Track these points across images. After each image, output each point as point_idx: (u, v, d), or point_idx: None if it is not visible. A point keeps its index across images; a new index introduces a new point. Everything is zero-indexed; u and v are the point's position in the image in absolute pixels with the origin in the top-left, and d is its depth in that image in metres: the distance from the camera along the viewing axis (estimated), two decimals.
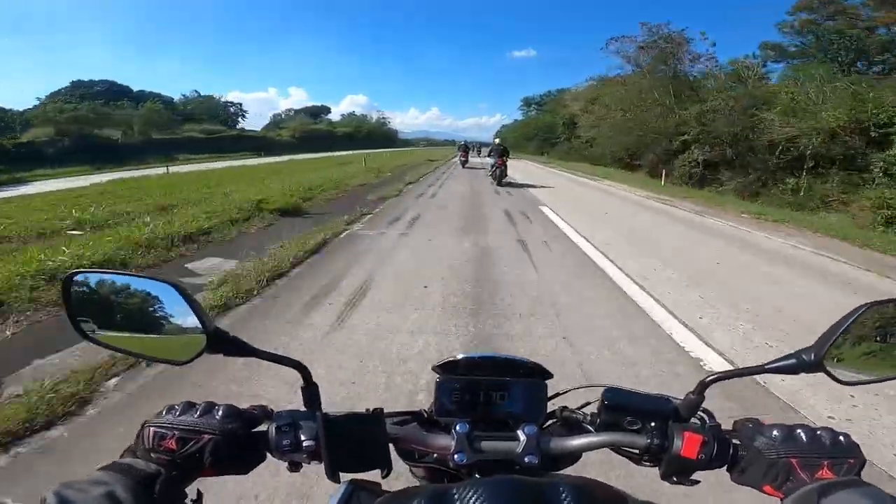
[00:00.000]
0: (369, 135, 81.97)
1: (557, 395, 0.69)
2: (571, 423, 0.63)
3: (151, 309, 0.55)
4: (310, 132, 71.32)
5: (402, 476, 0.64)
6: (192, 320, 0.53)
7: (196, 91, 70.28)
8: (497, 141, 16.67)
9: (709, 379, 0.54)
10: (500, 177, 14.52)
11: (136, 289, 0.56)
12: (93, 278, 0.58)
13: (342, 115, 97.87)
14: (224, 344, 0.54)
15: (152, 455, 0.50)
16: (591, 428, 0.60)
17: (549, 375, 0.63)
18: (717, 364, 2.84)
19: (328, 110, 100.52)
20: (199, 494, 0.50)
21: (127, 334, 0.56)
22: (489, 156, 16.77)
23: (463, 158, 23.03)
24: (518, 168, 20.72)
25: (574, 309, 3.68)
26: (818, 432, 0.50)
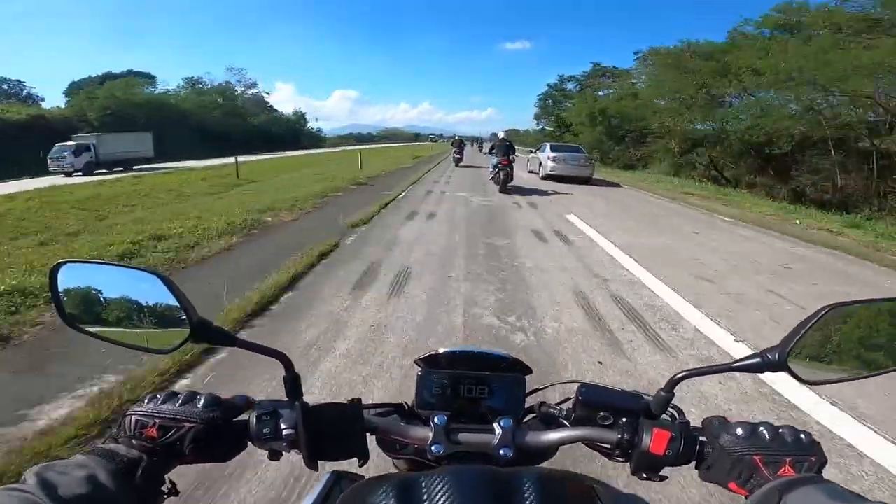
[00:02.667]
0: (154, 120, 35.94)
1: (536, 390, 0.70)
2: (548, 418, 0.64)
3: (137, 299, 0.56)
4: None
5: (384, 468, 0.66)
6: (177, 310, 0.54)
7: None
8: (501, 135, 13.35)
9: (678, 377, 0.56)
10: (504, 181, 11.84)
11: (122, 279, 0.57)
12: (79, 268, 0.58)
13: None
14: (208, 334, 0.55)
15: (134, 442, 0.51)
16: (566, 423, 0.62)
17: (529, 371, 0.65)
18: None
19: (149, 78, 49.73)
20: (173, 484, 0.51)
21: (113, 323, 0.57)
22: (490, 152, 13.43)
23: (457, 156, 21.17)
24: None
25: None
26: (780, 430, 0.51)
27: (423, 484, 0.42)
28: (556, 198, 11.09)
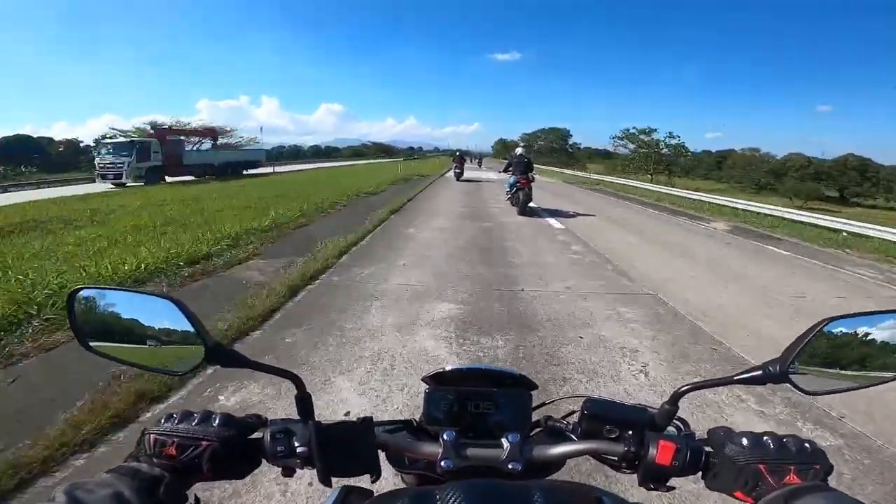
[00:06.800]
0: None
1: (542, 404, 0.71)
2: (555, 432, 0.65)
3: (152, 323, 0.58)
4: None
5: (392, 483, 0.67)
6: (191, 334, 0.55)
7: None
8: (520, 151, 11.35)
9: (682, 390, 0.57)
10: (523, 202, 10.10)
11: (137, 304, 0.59)
12: (96, 294, 0.60)
13: None
14: (222, 356, 0.56)
15: (155, 461, 0.52)
16: (573, 436, 0.63)
17: (535, 386, 0.66)
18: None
19: None
20: (197, 499, 0.53)
21: (129, 347, 0.58)
22: (507, 171, 11.65)
23: (458, 170, 20.73)
24: None
25: None
26: (785, 440, 0.52)
27: (438, 497, 0.43)
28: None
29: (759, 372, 0.54)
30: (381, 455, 0.61)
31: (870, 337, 0.55)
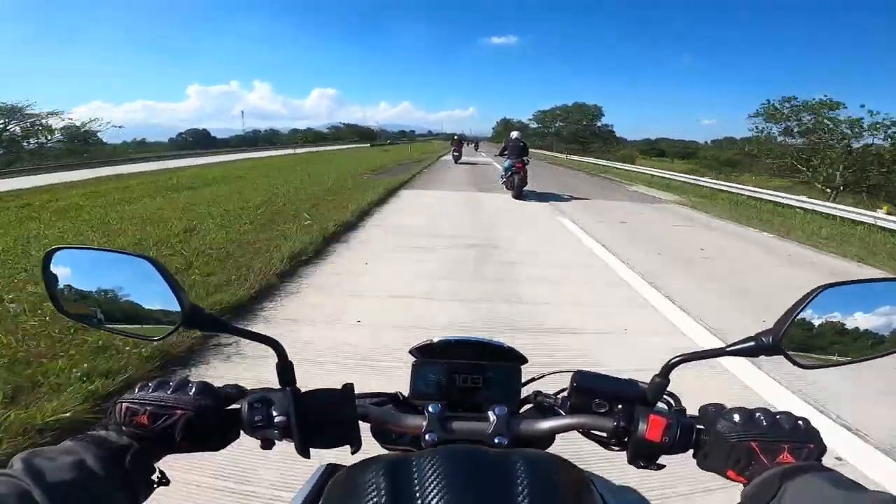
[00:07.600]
0: None
1: (533, 379, 0.70)
2: (544, 407, 0.63)
3: (129, 284, 0.55)
4: None
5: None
6: (169, 296, 0.53)
7: None
8: (515, 135, 11.20)
9: (673, 361, 0.55)
10: (518, 186, 10.11)
11: (114, 264, 0.57)
12: (72, 254, 0.58)
13: None
14: (200, 320, 0.54)
15: (124, 429, 0.50)
16: (561, 411, 0.61)
17: (524, 360, 0.65)
18: None
19: None
20: (163, 474, 0.50)
21: (104, 309, 0.56)
22: (502, 154, 11.55)
23: (456, 153, 21.51)
24: None
25: None
26: (778, 416, 0.51)
27: (414, 464, 0.41)
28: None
29: (752, 343, 0.52)
30: (367, 432, 0.59)
31: (868, 306, 0.53)
